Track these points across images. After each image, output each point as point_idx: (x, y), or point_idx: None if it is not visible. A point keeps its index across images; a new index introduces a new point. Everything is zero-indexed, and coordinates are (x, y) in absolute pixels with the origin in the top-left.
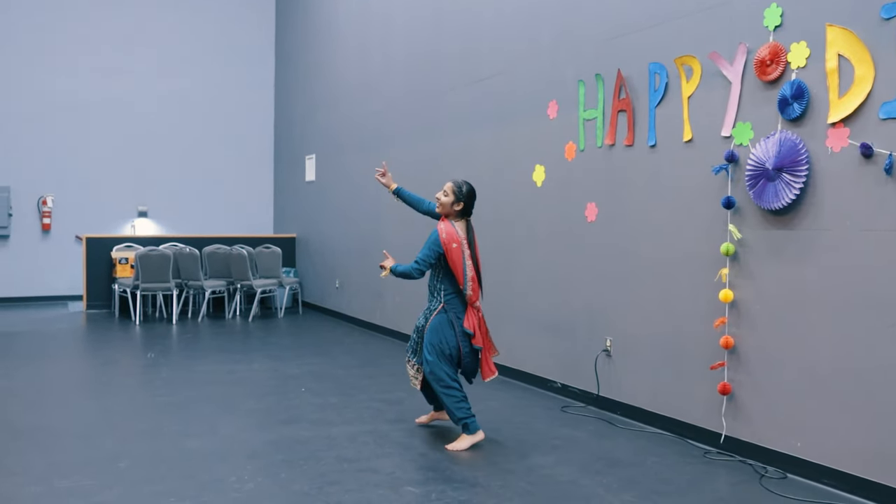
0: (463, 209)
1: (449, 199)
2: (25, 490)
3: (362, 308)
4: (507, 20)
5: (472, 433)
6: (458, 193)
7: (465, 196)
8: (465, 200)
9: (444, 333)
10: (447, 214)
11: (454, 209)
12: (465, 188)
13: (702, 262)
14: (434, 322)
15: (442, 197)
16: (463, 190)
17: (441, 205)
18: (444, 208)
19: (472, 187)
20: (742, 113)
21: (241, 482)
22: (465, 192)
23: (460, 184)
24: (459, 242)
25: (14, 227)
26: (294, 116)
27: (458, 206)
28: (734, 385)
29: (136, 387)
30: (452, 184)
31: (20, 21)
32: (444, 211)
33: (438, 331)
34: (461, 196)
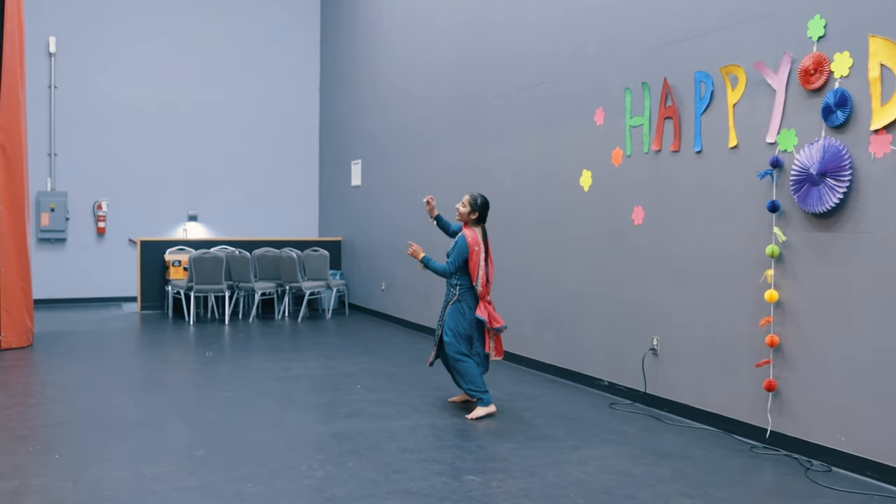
0: (478, 217)
1: (466, 209)
2: (114, 475)
3: (408, 309)
4: (552, 29)
5: (486, 405)
6: (474, 205)
7: (480, 207)
8: (479, 210)
9: (458, 319)
10: (465, 222)
11: (471, 217)
12: (479, 200)
13: (747, 264)
14: (451, 310)
15: (461, 208)
16: (478, 202)
17: (460, 214)
18: (462, 217)
19: (486, 199)
20: (786, 120)
21: (312, 470)
22: (480, 203)
23: (476, 196)
24: (479, 246)
25: (70, 231)
26: (339, 122)
27: (473, 216)
28: (779, 382)
29: (200, 383)
30: (469, 196)
31: (76, 31)
32: (463, 219)
33: (454, 316)
34: (476, 207)
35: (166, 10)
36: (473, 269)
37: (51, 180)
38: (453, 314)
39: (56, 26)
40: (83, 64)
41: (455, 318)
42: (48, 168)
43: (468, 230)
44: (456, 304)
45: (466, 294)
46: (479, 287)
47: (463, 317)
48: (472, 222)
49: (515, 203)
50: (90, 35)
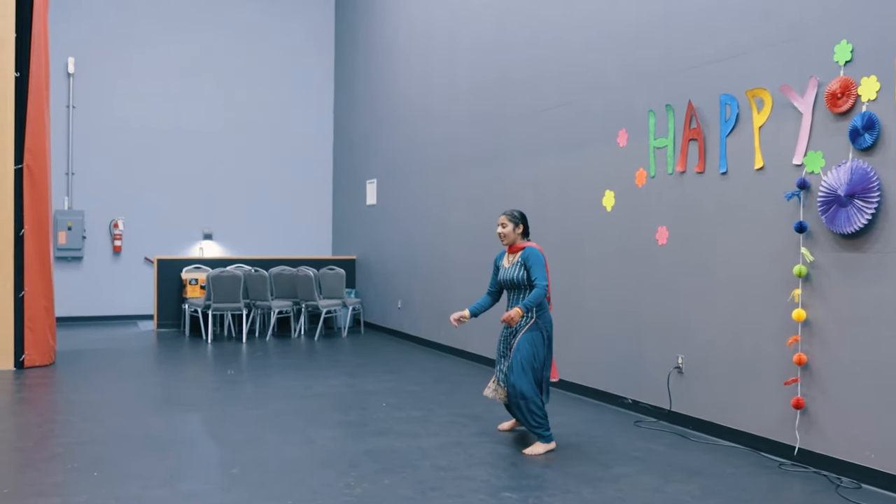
0: (524, 230)
1: (509, 227)
2: (153, 493)
3: (425, 328)
4: (573, 50)
5: (547, 442)
6: (515, 219)
7: (521, 218)
8: (523, 222)
9: (536, 348)
10: (514, 241)
11: (517, 233)
12: (517, 213)
13: (774, 284)
14: (527, 336)
15: (502, 229)
16: (517, 214)
17: (505, 236)
18: (508, 237)
19: (522, 211)
20: (813, 142)
21: (349, 487)
22: (519, 215)
23: (510, 212)
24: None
25: (87, 249)
26: (354, 141)
27: (519, 230)
28: (807, 400)
29: (226, 401)
30: (506, 216)
31: (95, 52)
32: (510, 240)
33: (531, 346)
34: (519, 219)
35: (182, 32)
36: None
37: (68, 199)
38: (530, 343)
39: (75, 47)
40: (101, 84)
41: (532, 347)
42: (65, 187)
43: (529, 243)
44: (534, 332)
45: (544, 315)
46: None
47: (542, 345)
48: (522, 237)
49: (537, 222)
50: (108, 56)
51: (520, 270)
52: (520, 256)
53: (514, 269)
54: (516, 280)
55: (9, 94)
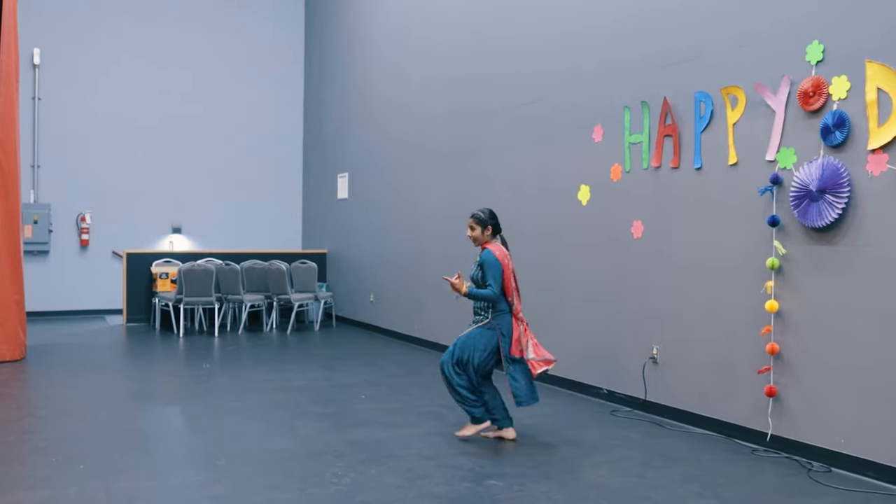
0: (493, 229)
1: (477, 230)
2: (143, 485)
3: (399, 321)
4: (550, 47)
5: (475, 423)
6: (482, 220)
7: (489, 218)
8: (490, 222)
9: (475, 345)
10: (485, 243)
11: (486, 234)
12: (484, 213)
13: (747, 276)
14: (473, 332)
15: (471, 232)
16: (483, 215)
17: (474, 238)
18: (478, 240)
19: (490, 210)
20: (786, 139)
21: (337, 477)
22: (487, 214)
23: (477, 213)
24: (508, 259)
25: (54, 243)
26: (325, 135)
27: (488, 231)
28: (780, 388)
29: (205, 394)
30: (473, 219)
31: (61, 43)
32: (480, 241)
33: (473, 341)
34: (486, 220)
35: (151, 24)
36: (507, 285)
37: (34, 192)
38: (473, 339)
39: (41, 38)
40: (68, 76)
41: (473, 342)
42: (31, 180)
43: (492, 245)
44: (483, 330)
45: (500, 317)
46: (516, 303)
47: (485, 349)
48: (491, 237)
49: (512, 216)
50: (75, 47)
51: (477, 271)
52: (479, 256)
53: (474, 269)
54: (474, 278)
55: None
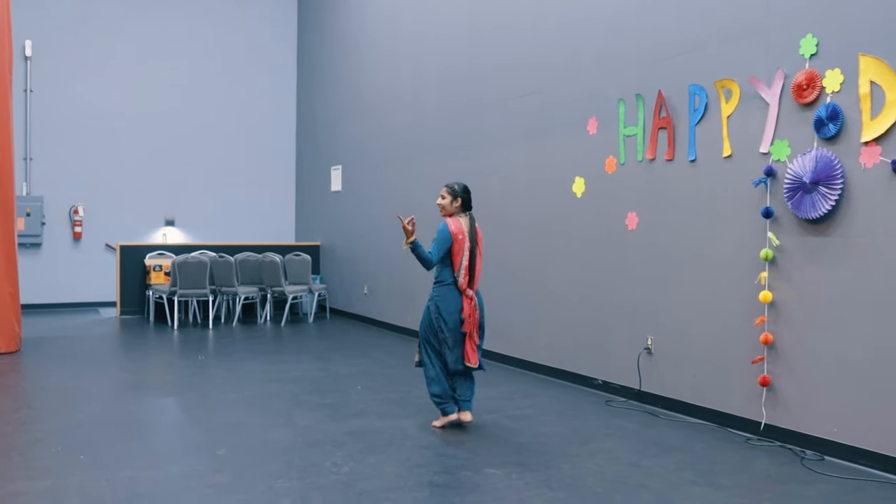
0: (463, 203)
1: (447, 199)
2: (144, 474)
3: (392, 313)
4: (545, 39)
5: (445, 415)
6: (454, 192)
7: (461, 192)
8: (461, 196)
9: (426, 319)
10: (451, 214)
11: (455, 207)
12: (458, 186)
13: (741, 267)
14: (429, 307)
15: (441, 200)
16: (457, 188)
17: (443, 207)
18: (446, 209)
19: (465, 185)
20: (779, 131)
21: (337, 466)
22: (460, 188)
23: (452, 184)
24: (464, 235)
25: (46, 236)
26: (318, 128)
27: (457, 203)
28: (773, 377)
29: (201, 385)
30: (447, 187)
31: (53, 35)
32: (448, 211)
33: (423, 316)
34: (457, 193)
35: (143, 16)
36: (456, 259)
37: (26, 185)
38: (424, 314)
39: (32, 30)
40: (59, 68)
41: (423, 318)
42: (24, 172)
43: (451, 218)
44: (427, 304)
45: (441, 289)
46: (461, 279)
47: (428, 315)
48: (459, 211)
49: (506, 208)
50: (67, 39)
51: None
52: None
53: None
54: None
55: None
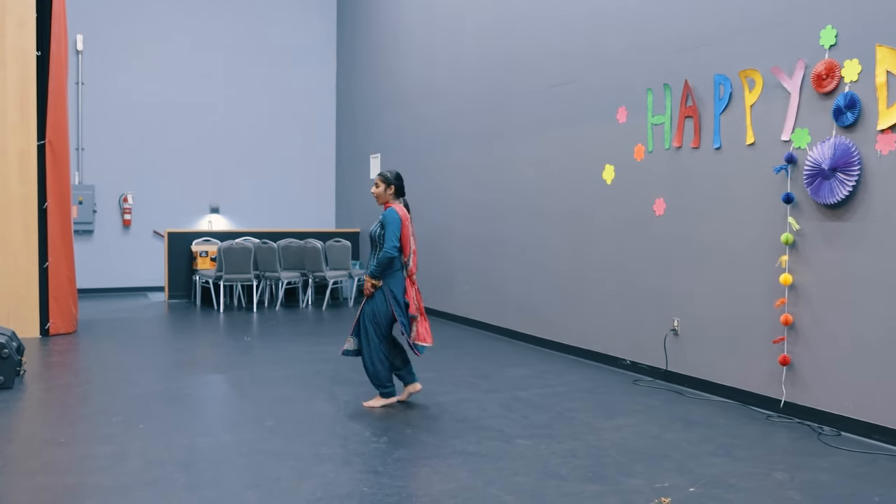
0: (396, 190)
1: (381, 188)
2: (199, 441)
3: (430, 296)
4: (575, 30)
5: (386, 397)
6: (387, 180)
7: (394, 179)
8: (394, 182)
9: (381, 306)
10: (386, 201)
11: (389, 194)
12: (390, 173)
13: (763, 251)
14: (377, 298)
15: (375, 189)
16: (389, 175)
17: (377, 195)
18: (381, 197)
19: (398, 172)
20: (800, 120)
21: (376, 436)
22: (392, 175)
23: (384, 172)
24: (409, 220)
25: (98, 223)
26: (357, 116)
27: (390, 190)
28: (793, 357)
29: (249, 363)
30: (379, 177)
31: (103, 29)
32: (383, 199)
33: (375, 303)
34: (390, 180)
35: (187, 10)
36: (406, 244)
37: (79, 174)
38: (374, 300)
39: (84, 25)
40: (109, 61)
41: (374, 304)
42: (76, 162)
43: (394, 205)
44: (379, 290)
45: (396, 276)
46: (411, 264)
47: (384, 303)
48: (393, 197)
49: (540, 195)
50: (116, 33)
51: (377, 228)
52: (381, 215)
53: (375, 226)
54: (374, 235)
55: (31, 73)
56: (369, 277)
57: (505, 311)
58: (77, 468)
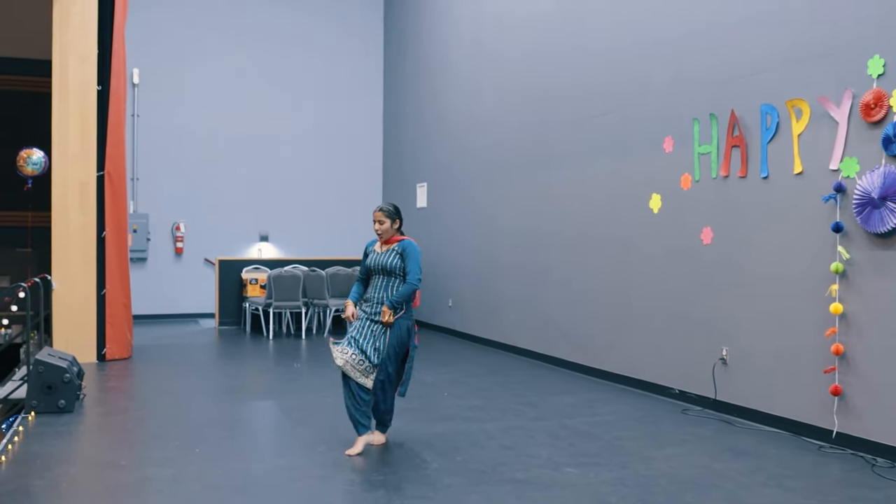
0: (400, 224)
1: (386, 223)
2: (254, 466)
3: (476, 325)
4: (619, 60)
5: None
6: (392, 214)
7: (397, 212)
8: (398, 217)
9: (402, 337)
10: (392, 236)
11: (394, 227)
12: (392, 207)
13: (812, 280)
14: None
15: (380, 226)
16: (391, 209)
17: (384, 232)
18: (387, 233)
19: (395, 204)
20: (848, 149)
21: (426, 462)
22: (394, 209)
23: (386, 207)
24: None
25: (151, 251)
26: (404, 147)
27: (396, 224)
28: (845, 386)
29: (299, 390)
30: (382, 213)
31: (158, 63)
32: (389, 235)
33: (401, 335)
34: (396, 214)
35: (237, 45)
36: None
37: (133, 203)
38: (401, 333)
39: (140, 59)
40: (163, 94)
41: (401, 335)
42: (131, 191)
43: (407, 238)
44: (403, 321)
45: (410, 308)
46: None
47: (408, 334)
48: (398, 231)
49: (585, 223)
50: (170, 68)
51: (394, 258)
52: (397, 246)
53: (388, 256)
54: (389, 266)
55: (91, 106)
56: (389, 308)
57: (551, 339)
58: (137, 491)
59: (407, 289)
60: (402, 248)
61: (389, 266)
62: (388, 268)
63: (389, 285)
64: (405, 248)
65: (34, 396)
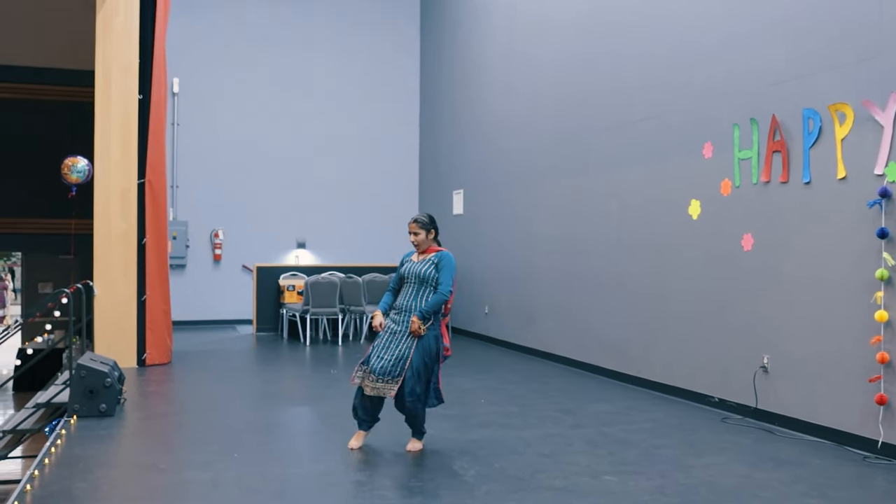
0: (436, 234)
1: (422, 234)
2: (292, 471)
3: (513, 331)
4: (657, 65)
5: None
6: (426, 226)
7: (431, 223)
8: (435, 227)
9: (431, 348)
10: (428, 247)
11: (430, 238)
12: (427, 217)
13: (856, 287)
14: (430, 338)
15: (415, 237)
16: (427, 220)
17: (420, 243)
18: (423, 244)
19: (430, 214)
20: (894, 153)
21: (464, 469)
22: (430, 218)
23: (420, 218)
24: None
25: (190, 258)
26: (440, 153)
27: (432, 235)
28: (890, 396)
29: (335, 396)
30: (416, 224)
31: (197, 72)
32: (425, 246)
33: (432, 346)
34: (431, 224)
35: (275, 52)
36: (454, 287)
37: (173, 210)
38: (429, 346)
39: (180, 69)
40: (202, 103)
41: (431, 347)
42: (170, 199)
43: (444, 249)
44: (430, 333)
45: (437, 319)
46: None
47: (436, 343)
48: (435, 241)
49: (622, 229)
50: (209, 77)
51: (430, 268)
52: (433, 256)
53: (425, 265)
54: (424, 275)
55: (133, 114)
56: (418, 318)
57: (588, 346)
58: (177, 494)
59: (437, 298)
60: (439, 259)
61: (423, 275)
62: (422, 276)
63: (420, 294)
64: (441, 259)
65: (76, 400)
